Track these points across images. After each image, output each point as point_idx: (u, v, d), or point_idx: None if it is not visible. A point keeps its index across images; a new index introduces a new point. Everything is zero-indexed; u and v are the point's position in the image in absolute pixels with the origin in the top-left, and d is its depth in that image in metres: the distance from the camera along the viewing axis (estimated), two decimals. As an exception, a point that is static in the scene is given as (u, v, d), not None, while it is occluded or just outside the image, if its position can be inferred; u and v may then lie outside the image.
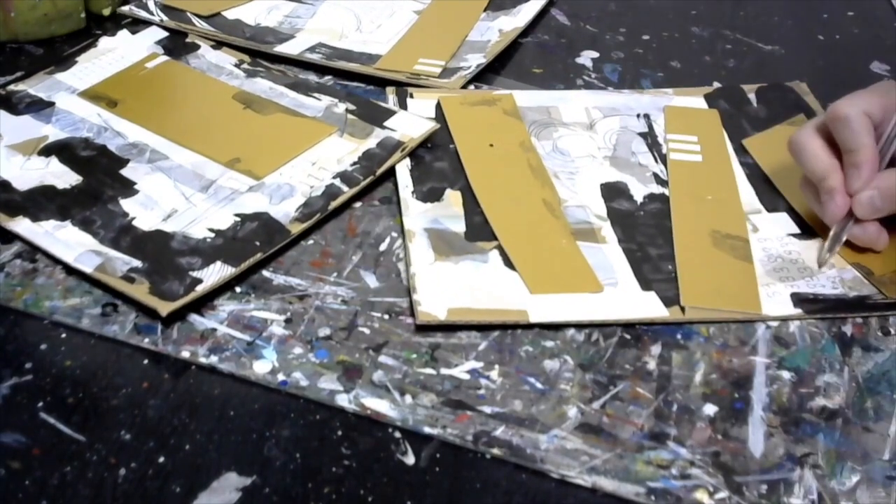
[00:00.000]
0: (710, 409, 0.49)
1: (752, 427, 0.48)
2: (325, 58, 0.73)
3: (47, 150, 0.62)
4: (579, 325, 0.53)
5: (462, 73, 0.72)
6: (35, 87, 0.68)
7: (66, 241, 0.55)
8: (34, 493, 0.43)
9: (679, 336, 0.53)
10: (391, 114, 0.67)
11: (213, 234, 0.56)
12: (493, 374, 0.50)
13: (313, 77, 0.72)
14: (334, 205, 0.59)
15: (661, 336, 0.53)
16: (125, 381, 0.49)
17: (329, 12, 0.80)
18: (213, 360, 0.50)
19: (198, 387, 0.49)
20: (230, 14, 0.79)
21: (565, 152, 0.66)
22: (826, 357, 0.52)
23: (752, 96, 0.72)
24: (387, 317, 0.53)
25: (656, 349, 0.52)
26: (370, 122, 0.66)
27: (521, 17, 0.80)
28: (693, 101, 0.71)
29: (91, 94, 0.68)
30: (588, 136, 0.67)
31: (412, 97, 0.70)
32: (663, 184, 0.63)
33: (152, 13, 0.77)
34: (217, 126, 0.66)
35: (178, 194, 0.59)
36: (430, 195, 0.61)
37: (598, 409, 0.49)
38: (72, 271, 0.54)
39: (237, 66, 0.72)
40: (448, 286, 0.54)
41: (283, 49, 0.74)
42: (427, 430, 0.47)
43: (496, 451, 0.46)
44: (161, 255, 0.55)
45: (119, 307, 0.52)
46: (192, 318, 0.52)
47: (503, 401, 0.49)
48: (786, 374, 0.51)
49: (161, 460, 0.45)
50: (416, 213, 0.59)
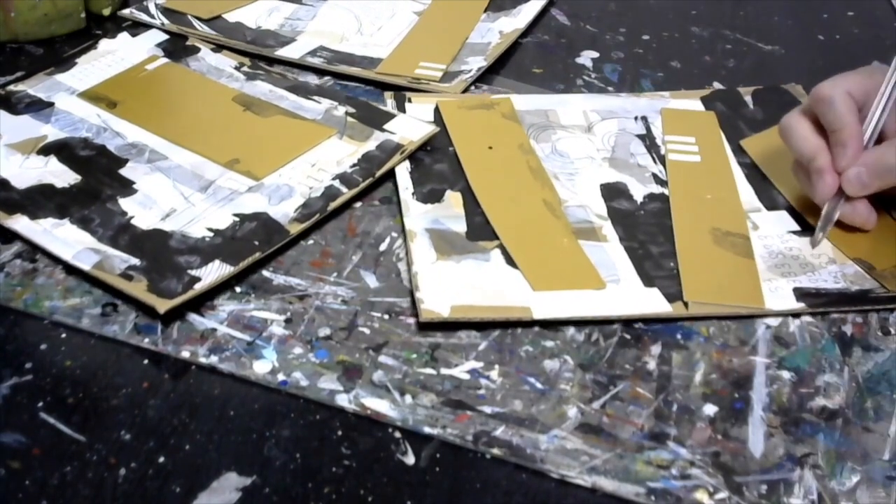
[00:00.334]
0: (710, 409, 0.49)
1: (752, 427, 0.48)
2: (326, 62, 0.73)
3: (46, 150, 0.62)
4: (582, 321, 0.53)
5: (463, 78, 0.72)
6: (34, 88, 0.68)
7: (65, 238, 0.55)
8: (34, 493, 0.43)
9: (679, 336, 0.53)
10: (391, 117, 0.67)
11: (211, 234, 0.56)
12: (493, 374, 0.50)
13: (313, 78, 0.72)
14: (333, 206, 0.59)
15: (661, 336, 0.53)
16: (125, 381, 0.49)
17: (329, 14, 0.81)
18: (213, 360, 0.50)
19: (198, 387, 0.49)
20: (231, 17, 0.79)
21: (564, 154, 0.66)
22: (826, 357, 0.52)
23: (748, 98, 0.72)
24: (387, 317, 0.53)
25: (656, 349, 0.52)
26: (370, 124, 0.66)
27: (521, 19, 0.80)
28: (690, 103, 0.72)
29: (90, 95, 0.68)
30: (587, 139, 0.67)
31: (410, 101, 0.70)
32: (663, 184, 0.63)
33: (153, 16, 0.77)
34: (216, 127, 0.66)
35: (176, 194, 0.59)
36: (430, 196, 0.61)
37: (598, 409, 0.49)
38: (72, 271, 0.54)
39: (237, 68, 0.72)
40: (450, 284, 0.54)
41: (285, 53, 0.74)
42: (427, 430, 0.47)
43: (496, 451, 0.46)
44: (159, 253, 0.55)
45: (119, 307, 0.52)
46: (192, 317, 0.52)
47: (503, 401, 0.49)
48: (786, 374, 0.51)
49: (161, 460, 0.45)
50: (417, 214, 0.59)
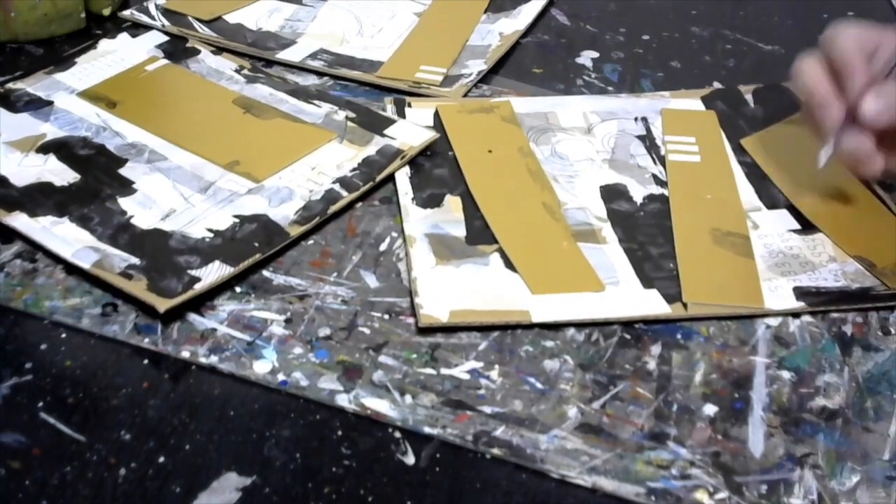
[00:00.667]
0: (710, 409, 0.49)
1: (752, 427, 0.48)
2: (327, 65, 0.73)
3: (45, 148, 0.62)
4: (581, 324, 0.53)
5: (463, 82, 0.72)
6: (34, 86, 0.68)
7: (64, 236, 0.55)
8: (34, 493, 0.43)
9: (679, 336, 0.53)
10: (391, 122, 0.67)
11: (211, 234, 0.56)
12: (493, 374, 0.50)
13: (313, 80, 0.72)
14: (333, 209, 0.59)
15: (661, 336, 0.53)
16: (125, 381, 0.49)
17: (329, 14, 0.80)
18: (213, 360, 0.50)
19: (198, 387, 0.49)
20: (231, 18, 0.79)
21: (564, 156, 0.66)
22: (826, 357, 0.52)
23: (748, 97, 0.72)
24: (387, 317, 0.53)
25: (656, 349, 0.52)
26: (370, 129, 0.66)
27: (521, 20, 0.80)
28: (690, 103, 0.72)
29: (90, 95, 0.68)
30: (586, 140, 0.67)
31: (410, 106, 0.70)
32: (662, 184, 0.63)
33: (153, 17, 0.77)
34: (216, 129, 0.66)
35: (176, 194, 0.59)
36: (429, 201, 0.61)
37: (598, 409, 0.49)
38: (72, 271, 0.54)
39: (237, 71, 0.72)
40: (450, 289, 0.54)
41: (285, 56, 0.74)
42: (427, 430, 0.47)
43: (496, 451, 0.46)
44: (159, 253, 0.55)
45: (119, 307, 0.52)
46: (192, 317, 0.52)
47: (503, 401, 0.49)
48: (786, 374, 0.51)
49: (161, 460, 0.45)
50: (417, 219, 0.59)
